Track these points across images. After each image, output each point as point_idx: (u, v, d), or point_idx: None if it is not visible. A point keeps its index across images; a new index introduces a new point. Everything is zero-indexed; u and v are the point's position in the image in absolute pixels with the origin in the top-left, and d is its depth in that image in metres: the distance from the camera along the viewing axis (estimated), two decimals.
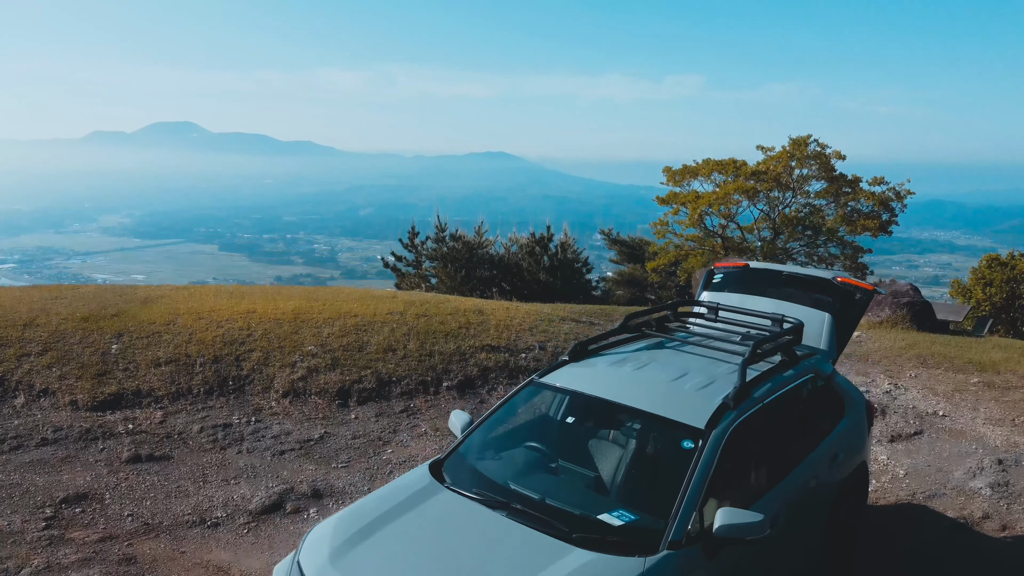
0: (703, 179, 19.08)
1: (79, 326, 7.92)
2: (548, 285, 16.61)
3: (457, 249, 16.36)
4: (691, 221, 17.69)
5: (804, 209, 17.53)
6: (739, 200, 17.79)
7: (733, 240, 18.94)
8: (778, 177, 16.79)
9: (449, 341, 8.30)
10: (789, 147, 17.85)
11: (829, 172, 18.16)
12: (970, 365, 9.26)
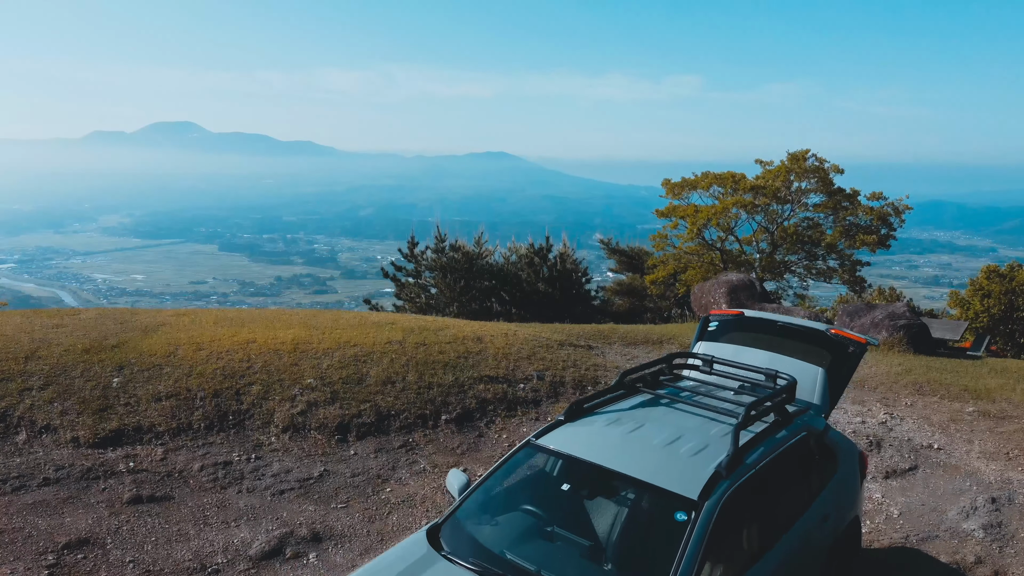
0: (702, 192, 19.14)
1: (80, 358, 7.98)
2: (548, 296, 16.66)
3: (456, 259, 16.42)
4: (690, 235, 17.75)
5: (803, 223, 17.61)
6: (738, 214, 17.86)
7: (732, 253, 19.01)
8: (777, 192, 16.86)
9: (448, 372, 8.35)
10: (787, 162, 17.92)
11: (828, 186, 18.23)
12: (966, 393, 9.32)
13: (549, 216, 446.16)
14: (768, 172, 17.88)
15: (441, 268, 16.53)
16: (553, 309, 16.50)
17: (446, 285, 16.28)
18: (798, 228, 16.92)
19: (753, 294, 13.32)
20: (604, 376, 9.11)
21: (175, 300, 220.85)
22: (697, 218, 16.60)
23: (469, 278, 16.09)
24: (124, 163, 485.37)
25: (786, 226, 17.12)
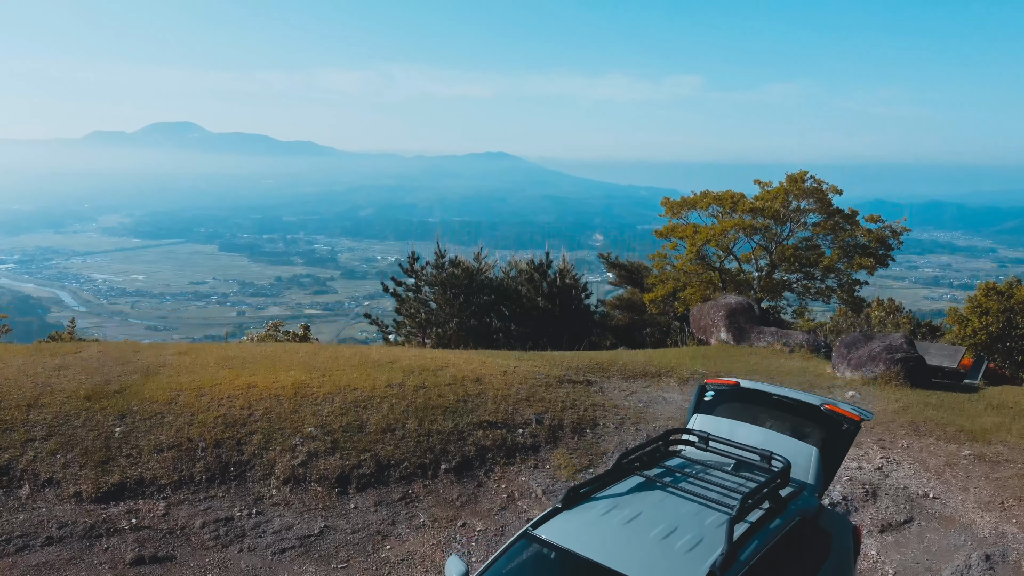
0: (701, 211, 19.23)
1: (83, 406, 8.04)
2: (547, 311, 16.73)
3: (456, 275, 16.49)
4: (689, 255, 17.83)
5: (802, 244, 17.70)
6: (736, 236, 17.94)
7: (731, 272, 19.08)
8: (776, 213, 16.95)
9: (447, 418, 8.41)
10: (786, 183, 17.99)
11: (826, 207, 18.30)
12: (962, 434, 9.38)
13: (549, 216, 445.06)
14: (767, 193, 17.97)
15: (441, 284, 16.61)
16: (553, 325, 16.57)
17: (446, 301, 16.37)
18: (796, 249, 17.00)
19: (752, 317, 13.39)
20: (603, 417, 9.17)
21: (175, 300, 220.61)
22: (696, 239, 16.68)
23: (469, 294, 16.17)
24: (124, 163, 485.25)
25: (785, 246, 17.22)
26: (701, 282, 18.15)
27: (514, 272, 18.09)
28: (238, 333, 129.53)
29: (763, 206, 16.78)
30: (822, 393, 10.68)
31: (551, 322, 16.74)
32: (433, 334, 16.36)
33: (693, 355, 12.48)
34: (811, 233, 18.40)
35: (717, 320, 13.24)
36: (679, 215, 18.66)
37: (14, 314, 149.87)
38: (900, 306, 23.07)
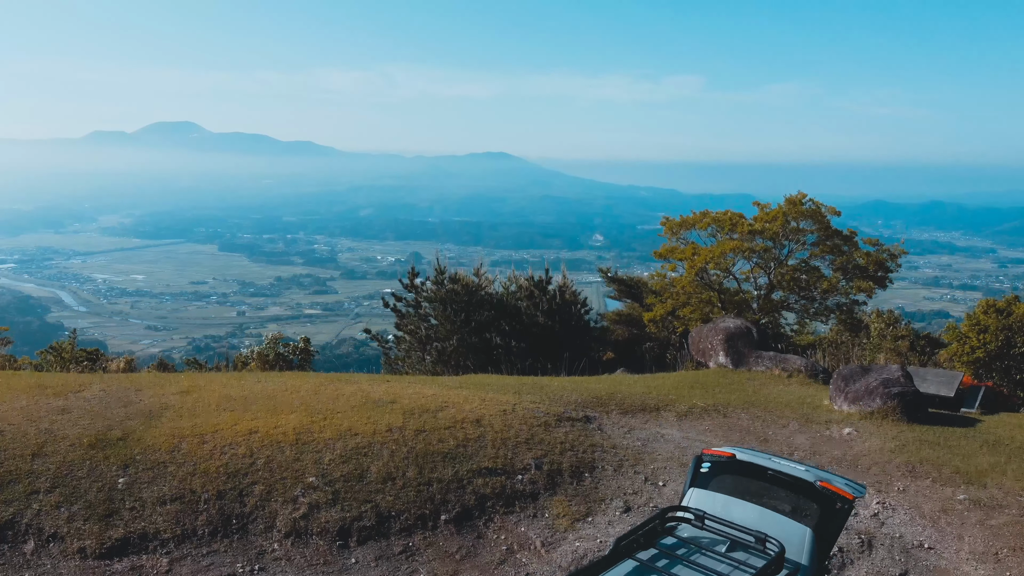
0: (700, 231, 19.35)
1: (86, 455, 8.12)
2: (547, 328, 16.82)
3: (456, 291, 16.58)
4: (688, 277, 17.94)
5: (801, 265, 17.81)
6: (734, 259, 18.05)
7: (729, 291, 19.18)
8: (774, 236, 17.06)
9: (447, 465, 8.50)
10: (784, 206, 18.10)
11: (825, 228, 18.41)
12: (957, 476, 9.45)
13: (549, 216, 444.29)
14: (766, 214, 18.08)
15: (441, 300, 16.71)
16: (553, 341, 16.65)
17: (446, 317, 16.47)
18: (795, 271, 17.12)
19: (750, 341, 13.48)
20: (601, 459, 9.26)
21: (175, 300, 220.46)
22: (695, 260, 16.80)
23: (469, 310, 16.26)
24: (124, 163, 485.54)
25: (784, 266, 17.33)
26: (700, 301, 18.26)
27: (514, 287, 18.20)
28: (238, 333, 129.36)
29: (762, 228, 16.89)
30: (819, 429, 10.78)
31: (551, 338, 16.83)
32: (433, 350, 16.46)
33: (692, 383, 12.56)
34: (809, 254, 18.52)
35: (716, 344, 13.34)
36: (678, 235, 18.79)
37: (14, 314, 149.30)
38: (899, 317, 23.17)
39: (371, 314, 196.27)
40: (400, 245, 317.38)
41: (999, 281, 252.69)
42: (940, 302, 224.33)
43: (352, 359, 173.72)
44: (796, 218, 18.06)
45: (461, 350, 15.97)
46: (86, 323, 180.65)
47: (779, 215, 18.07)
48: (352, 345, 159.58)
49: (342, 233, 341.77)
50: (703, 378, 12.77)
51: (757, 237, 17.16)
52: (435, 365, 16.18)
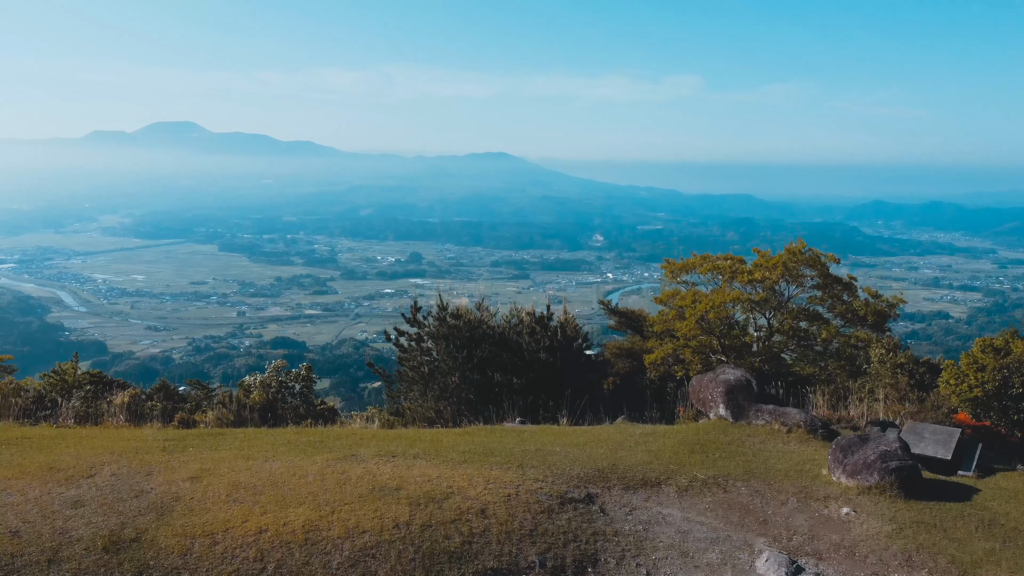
0: (701, 274, 19.47)
1: (101, 560, 7.93)
2: (549, 364, 16.92)
3: (458, 327, 16.63)
4: (688, 324, 18.04)
5: (801, 312, 17.89)
6: (733, 309, 18.15)
7: (731, 334, 19.27)
8: (774, 286, 17.15)
9: (453, 566, 8.42)
10: (784, 255, 18.24)
11: (824, 274, 18.50)
12: (953, 567, 9.40)
13: (549, 217, 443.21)
14: (766, 261, 18.17)
15: (443, 337, 16.78)
16: (554, 378, 16.75)
17: (448, 354, 16.54)
18: (795, 319, 17.21)
19: (750, 395, 13.56)
20: (604, 550, 9.17)
21: (175, 300, 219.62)
22: (696, 308, 16.89)
23: (471, 346, 16.35)
24: (124, 163, 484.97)
25: (784, 314, 17.42)
26: (700, 344, 18.35)
27: (515, 320, 18.25)
28: (238, 334, 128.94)
29: (762, 277, 16.98)
30: (817, 507, 10.79)
31: (552, 375, 16.92)
32: (436, 387, 16.57)
33: (692, 446, 12.54)
34: (807, 302, 18.58)
35: (716, 396, 13.41)
36: (679, 278, 18.90)
37: (14, 314, 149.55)
38: (898, 343, 23.30)
39: (371, 314, 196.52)
40: (400, 245, 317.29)
41: (999, 282, 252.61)
42: (940, 303, 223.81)
43: (352, 359, 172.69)
44: (796, 264, 18.17)
45: (463, 387, 16.08)
46: (86, 323, 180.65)
47: (779, 263, 18.19)
48: (352, 346, 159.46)
49: (342, 233, 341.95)
50: (704, 436, 12.76)
51: (758, 286, 17.24)
52: (437, 401, 16.31)
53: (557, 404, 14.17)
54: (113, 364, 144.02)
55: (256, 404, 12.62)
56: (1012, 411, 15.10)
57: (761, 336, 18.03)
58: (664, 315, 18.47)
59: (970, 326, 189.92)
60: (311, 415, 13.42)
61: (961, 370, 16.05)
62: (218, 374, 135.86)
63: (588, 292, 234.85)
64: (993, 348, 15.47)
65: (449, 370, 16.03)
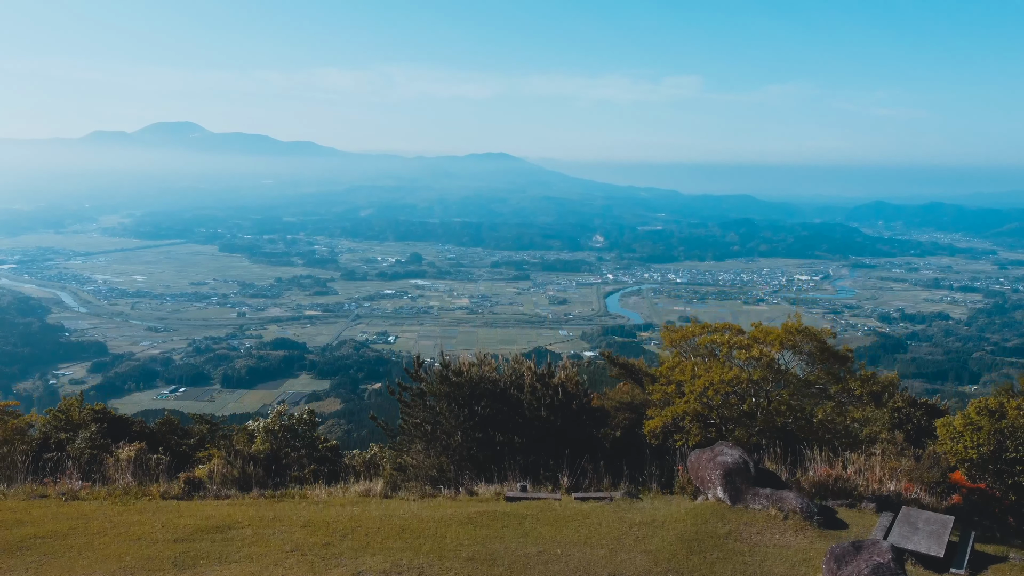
0: (700, 344, 19.58)
1: None
2: (550, 423, 17.01)
3: (460, 384, 16.68)
4: (687, 400, 18.10)
5: (798, 390, 17.98)
6: (733, 387, 18.20)
7: (728, 403, 19.29)
8: (771, 363, 17.22)
9: None
10: (782, 333, 18.31)
11: (822, 349, 18.56)
12: None
13: (549, 217, 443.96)
14: (763, 335, 18.27)
15: (445, 396, 16.87)
16: (555, 437, 16.86)
17: (450, 412, 16.61)
18: (791, 398, 17.30)
19: (747, 478, 13.64)
20: None
21: (175, 301, 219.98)
22: (696, 384, 16.99)
23: (473, 404, 16.42)
24: (124, 163, 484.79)
25: (782, 393, 17.50)
26: (698, 414, 18.43)
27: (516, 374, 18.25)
28: (238, 335, 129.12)
29: (759, 354, 17.05)
30: None
31: (553, 433, 17.04)
32: (438, 446, 16.71)
33: (690, 545, 12.18)
34: (806, 375, 18.64)
35: (714, 477, 13.53)
36: (678, 345, 19.02)
37: (15, 315, 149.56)
38: (896, 380, 23.39)
39: (371, 315, 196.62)
40: (400, 246, 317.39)
41: (999, 283, 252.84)
42: (940, 304, 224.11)
43: (352, 360, 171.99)
44: (794, 339, 18.24)
45: (465, 445, 16.19)
46: (87, 324, 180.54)
47: (776, 339, 18.21)
48: (352, 347, 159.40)
49: (342, 234, 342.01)
50: (702, 528, 12.28)
51: (756, 364, 17.32)
52: (440, 457, 16.48)
53: (558, 463, 14.25)
54: (113, 365, 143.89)
55: (260, 454, 12.42)
56: (1007, 475, 15.06)
57: (759, 404, 18.07)
58: (663, 387, 18.58)
59: (970, 327, 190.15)
60: (314, 460, 13.48)
61: (957, 430, 15.95)
62: (218, 375, 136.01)
63: (588, 293, 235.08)
64: (988, 410, 15.40)
65: (451, 428, 16.06)
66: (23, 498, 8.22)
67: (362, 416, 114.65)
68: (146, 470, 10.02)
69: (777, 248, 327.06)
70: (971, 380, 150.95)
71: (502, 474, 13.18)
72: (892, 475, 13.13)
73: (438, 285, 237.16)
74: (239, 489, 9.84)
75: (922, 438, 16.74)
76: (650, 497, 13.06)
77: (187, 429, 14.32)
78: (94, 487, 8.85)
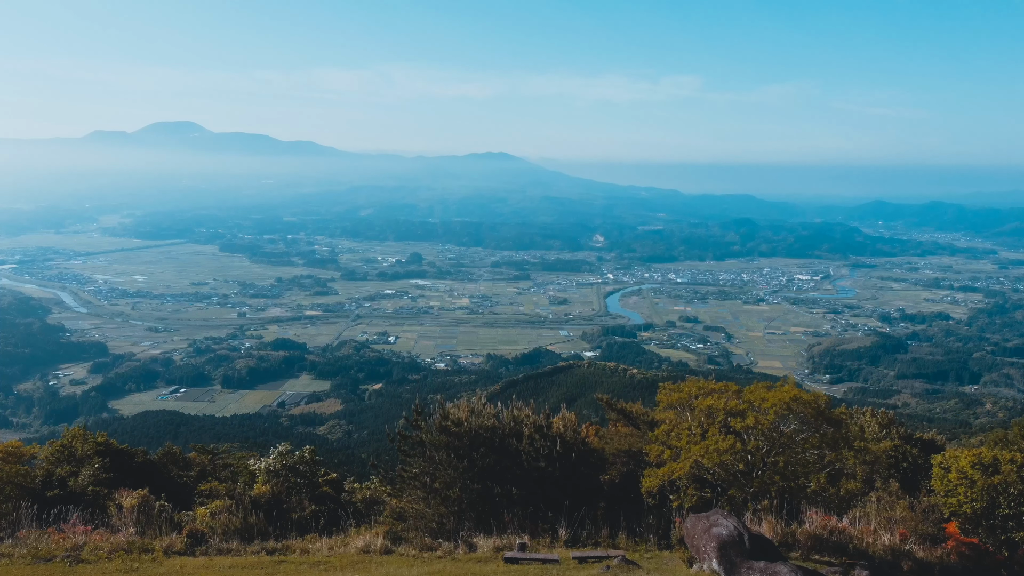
0: (698, 405, 19.57)
1: None
2: (548, 473, 17.01)
3: (459, 435, 16.67)
4: (683, 466, 18.14)
5: (791, 460, 17.98)
6: (728, 456, 18.22)
7: (725, 467, 19.29)
8: (767, 432, 17.21)
9: None
10: (776, 399, 18.30)
11: (816, 414, 18.53)
12: None
13: (550, 217, 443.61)
14: (760, 401, 18.24)
15: (444, 447, 16.86)
16: (553, 488, 16.87)
17: (449, 464, 16.60)
18: (785, 468, 17.32)
19: (742, 551, 13.68)
20: None
21: (176, 301, 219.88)
22: (692, 451, 17.01)
23: (472, 454, 16.43)
24: (125, 163, 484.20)
25: (776, 459, 17.51)
26: (695, 477, 18.47)
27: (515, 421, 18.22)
28: (239, 335, 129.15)
29: (754, 423, 17.05)
30: None
31: (552, 484, 17.04)
32: (438, 497, 16.71)
33: None
34: (799, 443, 18.64)
35: (709, 549, 13.62)
36: (675, 405, 19.05)
37: (15, 315, 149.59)
38: (893, 418, 23.49)
39: (372, 315, 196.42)
40: (400, 246, 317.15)
41: (1000, 283, 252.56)
42: (941, 304, 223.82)
43: (352, 361, 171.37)
44: (789, 410, 18.24)
45: (464, 497, 16.18)
46: (87, 324, 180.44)
47: (772, 410, 18.19)
48: (352, 347, 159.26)
49: (343, 234, 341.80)
50: None
51: (751, 434, 17.32)
52: (440, 507, 16.49)
53: (557, 515, 14.28)
54: (114, 366, 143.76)
55: (262, 497, 12.37)
56: (999, 530, 15.02)
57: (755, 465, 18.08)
58: (661, 446, 18.61)
59: (971, 327, 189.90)
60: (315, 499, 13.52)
61: (951, 482, 15.89)
62: (219, 376, 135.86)
63: (589, 293, 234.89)
64: (982, 465, 15.35)
65: (451, 480, 16.03)
66: (28, 562, 8.17)
67: (362, 417, 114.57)
68: (149, 517, 10.01)
69: (777, 248, 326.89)
70: (971, 380, 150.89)
71: (501, 525, 13.21)
72: (887, 525, 13.19)
73: (438, 285, 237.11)
74: (241, 540, 9.81)
75: (918, 477, 16.73)
76: (647, 558, 12.91)
77: (188, 459, 14.30)
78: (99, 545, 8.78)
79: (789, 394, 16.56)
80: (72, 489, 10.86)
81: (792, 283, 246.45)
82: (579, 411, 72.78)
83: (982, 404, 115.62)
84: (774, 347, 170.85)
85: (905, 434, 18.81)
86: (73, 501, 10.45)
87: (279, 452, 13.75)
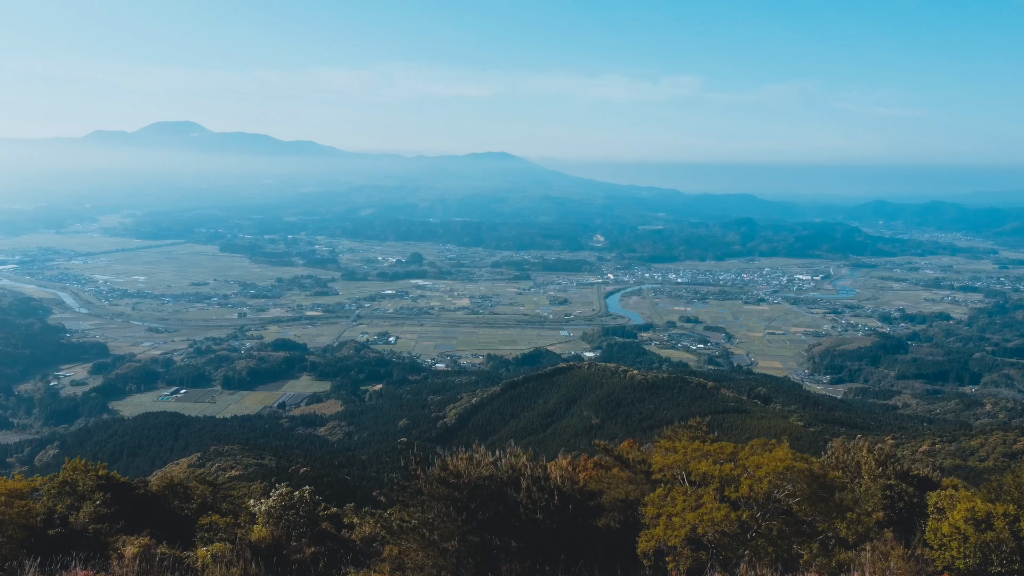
0: (694, 467, 19.61)
1: None
2: (546, 526, 17.12)
3: (459, 487, 16.78)
4: (677, 533, 18.22)
5: (784, 524, 18.02)
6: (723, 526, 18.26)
7: (722, 533, 19.34)
8: (761, 499, 17.24)
9: None
10: (772, 476, 18.35)
11: (811, 481, 18.55)
12: None
13: (550, 217, 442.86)
14: (756, 468, 18.25)
15: (443, 498, 16.97)
16: (551, 541, 17.00)
17: (448, 517, 16.72)
18: (779, 537, 17.32)
19: None
20: None
21: (176, 301, 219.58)
22: (687, 518, 17.08)
23: (470, 511, 16.53)
24: (125, 163, 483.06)
25: (771, 524, 17.54)
26: (690, 540, 18.53)
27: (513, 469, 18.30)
28: (239, 336, 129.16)
29: (748, 492, 17.08)
30: None
31: (549, 537, 17.17)
32: (435, 551, 16.86)
33: None
34: (794, 508, 18.67)
35: None
36: (669, 470, 19.12)
37: (16, 316, 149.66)
38: (890, 453, 23.47)
39: (372, 315, 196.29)
40: (401, 246, 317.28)
41: (1000, 282, 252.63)
42: (941, 304, 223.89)
43: (353, 361, 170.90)
44: (784, 478, 18.25)
45: (461, 549, 16.33)
46: (88, 325, 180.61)
47: (767, 479, 18.20)
48: (353, 348, 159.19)
49: (343, 233, 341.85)
50: None
51: (744, 504, 17.38)
52: (436, 559, 16.66)
53: (553, 568, 14.41)
54: (114, 366, 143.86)
55: (262, 543, 12.38)
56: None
57: (749, 527, 18.10)
58: (655, 511, 18.67)
59: (971, 327, 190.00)
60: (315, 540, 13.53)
61: (944, 535, 15.81)
62: (219, 377, 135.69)
63: (589, 293, 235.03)
64: (975, 519, 15.28)
65: (449, 533, 16.16)
66: None
67: (363, 418, 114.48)
68: (150, 565, 10.08)
69: (778, 247, 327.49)
70: (972, 380, 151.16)
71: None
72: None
73: (439, 285, 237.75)
74: None
75: (914, 517, 16.75)
76: None
77: (188, 490, 14.42)
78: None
79: (783, 462, 16.54)
80: (73, 527, 10.95)
81: (792, 283, 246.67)
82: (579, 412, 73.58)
83: (982, 405, 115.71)
84: (774, 347, 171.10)
85: (901, 471, 18.75)
86: (74, 541, 10.50)
87: (280, 494, 13.90)
